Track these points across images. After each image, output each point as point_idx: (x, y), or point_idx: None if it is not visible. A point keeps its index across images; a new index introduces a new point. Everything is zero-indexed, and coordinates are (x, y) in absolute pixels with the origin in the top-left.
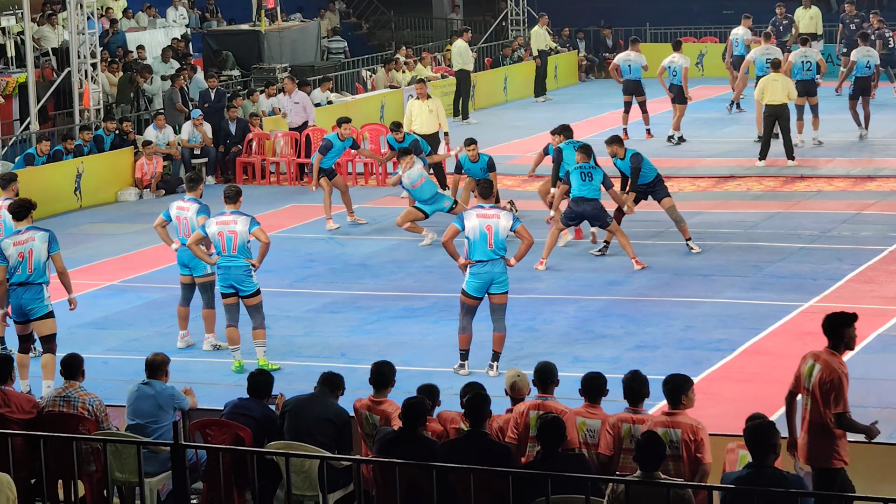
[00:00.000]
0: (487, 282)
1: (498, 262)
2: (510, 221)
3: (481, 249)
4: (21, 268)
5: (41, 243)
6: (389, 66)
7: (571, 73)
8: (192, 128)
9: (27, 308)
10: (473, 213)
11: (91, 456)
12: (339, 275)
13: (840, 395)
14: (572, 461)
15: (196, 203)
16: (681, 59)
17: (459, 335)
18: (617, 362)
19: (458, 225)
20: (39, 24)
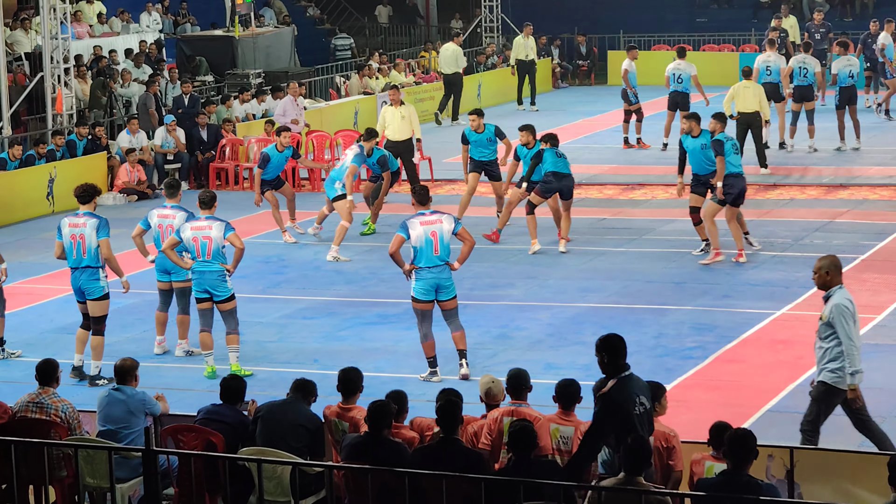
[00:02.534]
0: (434, 285)
1: (444, 267)
2: (452, 224)
3: (427, 256)
4: (76, 252)
5: (91, 230)
6: (363, 73)
7: (545, 80)
8: (166, 133)
9: (84, 288)
10: (416, 220)
11: (62, 461)
12: (311, 280)
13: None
14: (544, 467)
15: (182, 210)
16: (687, 66)
17: (422, 343)
18: (590, 369)
19: (403, 234)
20: (12, 28)
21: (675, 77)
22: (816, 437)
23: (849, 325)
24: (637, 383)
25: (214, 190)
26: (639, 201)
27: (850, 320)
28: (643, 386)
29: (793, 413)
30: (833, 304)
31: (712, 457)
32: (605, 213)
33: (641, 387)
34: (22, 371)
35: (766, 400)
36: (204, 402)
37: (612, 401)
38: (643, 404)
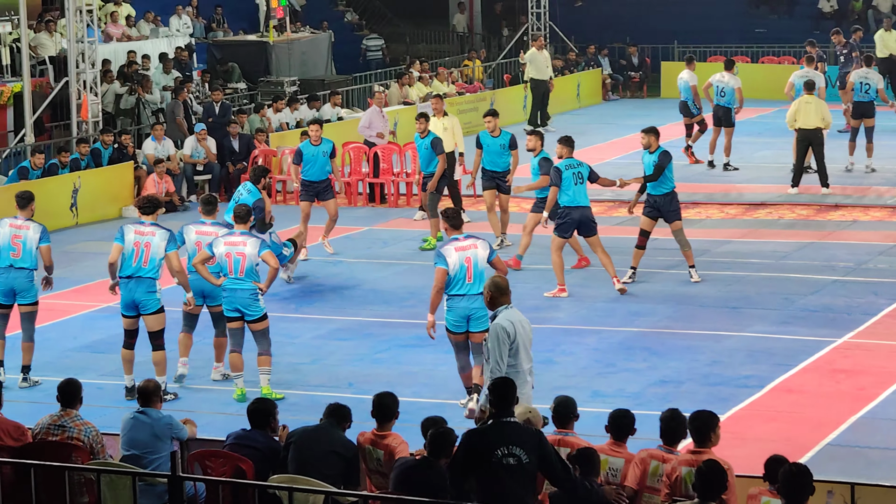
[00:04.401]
0: (465, 315)
1: (478, 297)
2: (487, 251)
3: (461, 284)
4: (137, 260)
5: (160, 241)
6: (403, 81)
7: (595, 92)
8: (196, 142)
9: (139, 302)
10: (451, 247)
11: (84, 487)
12: (347, 300)
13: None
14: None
15: (222, 227)
16: (731, 79)
17: (461, 374)
18: (639, 398)
19: (443, 266)
20: (36, 30)
21: (719, 91)
22: None
23: (502, 347)
24: (511, 432)
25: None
26: (692, 221)
27: (504, 344)
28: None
29: (854, 447)
30: (492, 324)
31: (769, 492)
32: (656, 232)
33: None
34: (43, 392)
35: (825, 433)
36: (233, 427)
37: (467, 440)
38: (514, 455)
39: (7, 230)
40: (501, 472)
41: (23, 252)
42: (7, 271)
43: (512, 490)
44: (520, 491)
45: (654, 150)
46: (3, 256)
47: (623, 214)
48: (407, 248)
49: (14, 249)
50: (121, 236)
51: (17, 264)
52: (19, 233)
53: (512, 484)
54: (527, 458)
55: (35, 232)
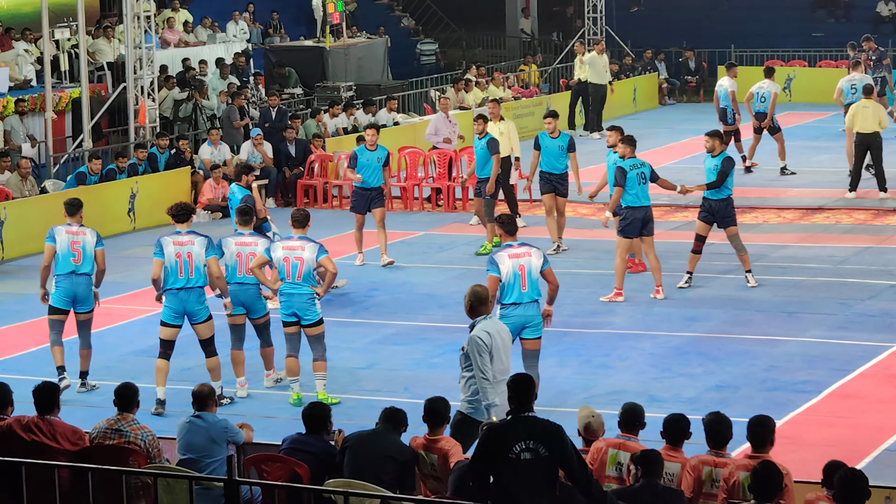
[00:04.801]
0: (520, 325)
1: (532, 305)
2: (541, 261)
3: (515, 292)
4: (184, 271)
5: (199, 248)
6: (459, 86)
7: (651, 96)
8: (252, 147)
9: (191, 311)
10: (504, 254)
11: (141, 491)
12: (403, 304)
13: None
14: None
15: (261, 237)
16: (770, 85)
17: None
18: (695, 403)
19: (495, 273)
20: (94, 37)
21: (759, 97)
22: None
23: (482, 357)
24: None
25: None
26: (749, 225)
27: (483, 353)
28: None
29: None
30: (470, 335)
31: (826, 498)
32: (713, 237)
33: (536, 431)
34: (100, 396)
35: (882, 438)
36: (289, 431)
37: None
38: (532, 449)
39: (65, 237)
40: (519, 466)
41: (83, 257)
42: (69, 277)
43: (529, 484)
44: (537, 485)
45: (717, 154)
46: (65, 263)
47: (679, 219)
48: (463, 252)
49: (74, 255)
50: (160, 251)
51: (80, 270)
52: (77, 238)
53: (529, 478)
54: (546, 452)
55: (92, 236)
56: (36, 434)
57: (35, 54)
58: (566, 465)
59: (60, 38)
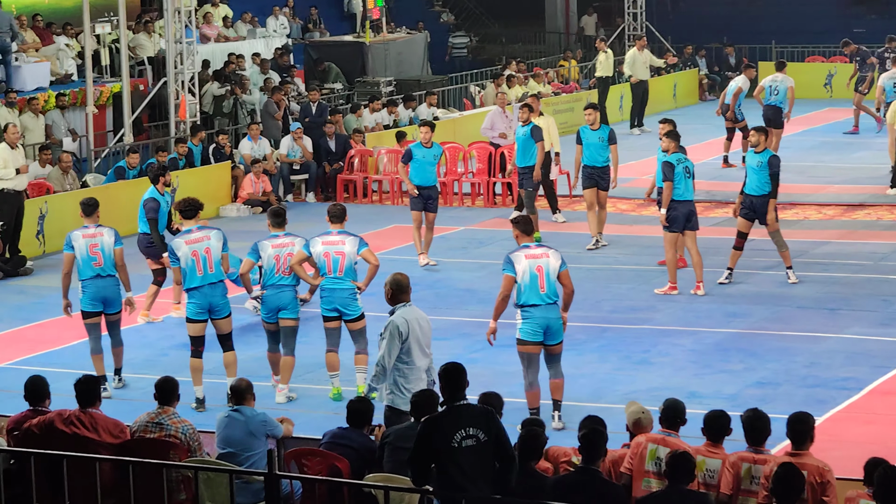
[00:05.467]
0: (543, 326)
1: (553, 306)
2: (559, 262)
3: (533, 293)
4: (202, 268)
5: (216, 241)
6: (499, 82)
7: (692, 92)
8: (292, 142)
9: (216, 306)
10: (521, 254)
11: (181, 484)
12: (443, 300)
13: None
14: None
15: (297, 237)
16: (785, 79)
17: (527, 392)
18: (736, 399)
19: (510, 273)
20: (135, 31)
21: (772, 90)
22: None
23: (392, 343)
24: (467, 414)
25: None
26: (790, 221)
27: (395, 340)
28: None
29: None
30: (388, 321)
31: (867, 495)
32: (753, 233)
33: (473, 418)
34: (140, 390)
35: None
36: (329, 425)
37: (427, 425)
38: (472, 436)
39: (83, 242)
40: (463, 454)
41: (104, 259)
42: (94, 281)
43: (474, 470)
44: (481, 470)
45: (762, 149)
46: (87, 268)
47: (720, 215)
48: (503, 247)
49: (95, 259)
50: (175, 258)
51: (104, 272)
52: (95, 241)
53: (473, 464)
54: (484, 437)
55: (109, 236)
56: (77, 427)
57: (76, 49)
58: (500, 445)
59: (101, 33)
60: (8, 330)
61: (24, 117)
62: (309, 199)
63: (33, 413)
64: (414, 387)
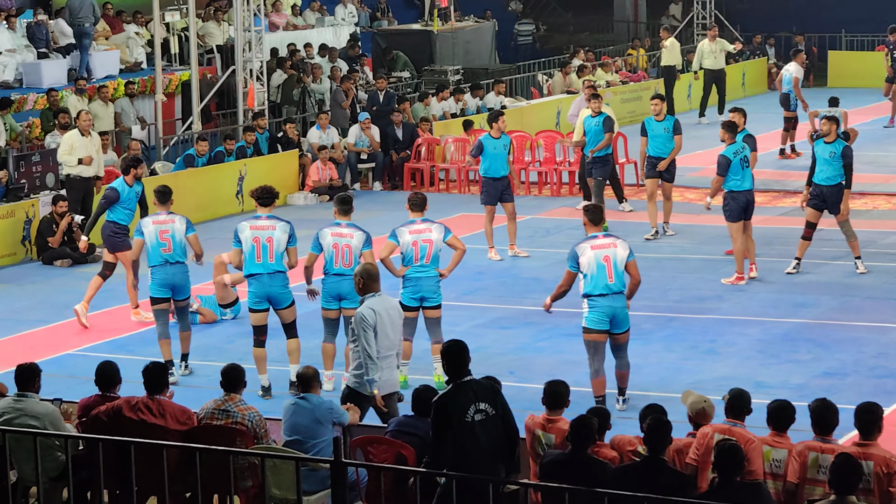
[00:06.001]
0: (609, 315)
1: (619, 296)
2: (626, 252)
3: (600, 283)
4: (261, 255)
5: (282, 233)
6: (567, 70)
7: (760, 81)
8: (360, 131)
9: (275, 296)
10: (586, 245)
11: (247, 471)
12: (509, 288)
13: None
14: (748, 490)
15: (358, 229)
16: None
17: (592, 380)
18: (803, 389)
19: (572, 269)
20: (204, 20)
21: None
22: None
23: (366, 334)
24: (476, 390)
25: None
26: (859, 211)
27: (368, 329)
28: (487, 391)
29: None
30: (356, 312)
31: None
32: (821, 223)
33: (483, 393)
34: (207, 377)
35: None
36: None
37: (440, 406)
38: (482, 410)
39: (152, 228)
40: (476, 428)
41: (173, 246)
42: (163, 268)
43: (486, 443)
44: (494, 443)
45: (832, 140)
46: (156, 254)
47: (788, 204)
48: (569, 237)
49: (164, 245)
50: (237, 240)
51: (172, 259)
52: (166, 227)
53: (485, 438)
54: (493, 411)
55: (181, 223)
56: (145, 414)
57: (146, 37)
58: (506, 420)
59: (171, 21)
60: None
61: (93, 105)
62: (376, 188)
63: (101, 399)
64: (381, 373)
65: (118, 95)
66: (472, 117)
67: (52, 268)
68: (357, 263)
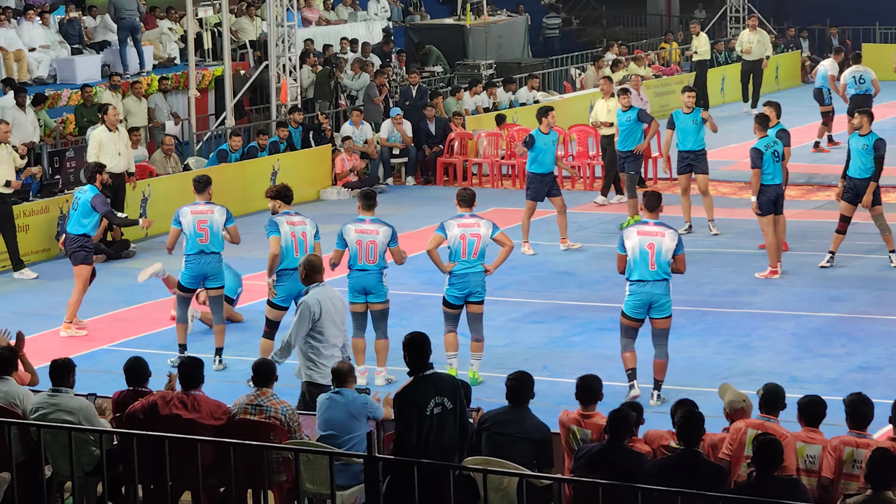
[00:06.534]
0: (647, 302)
1: (659, 283)
2: (674, 243)
3: (642, 269)
4: (299, 251)
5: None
6: (600, 64)
7: (794, 74)
8: (392, 126)
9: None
10: (634, 230)
11: (281, 466)
12: (542, 283)
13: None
14: (786, 486)
15: (384, 224)
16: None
17: (622, 353)
18: (837, 384)
19: (621, 252)
20: (237, 14)
21: (857, 80)
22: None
23: (301, 323)
24: (437, 383)
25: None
26: (893, 205)
27: (305, 319)
28: (446, 385)
29: None
30: (300, 300)
31: None
32: (856, 216)
33: (443, 387)
34: (239, 371)
35: None
36: None
37: (403, 399)
38: (441, 404)
39: (191, 218)
40: (434, 421)
41: (210, 236)
42: (198, 257)
43: (442, 436)
44: (449, 436)
45: (866, 133)
46: (193, 243)
47: (821, 198)
48: (601, 230)
49: (201, 235)
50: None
51: (208, 249)
52: (204, 217)
53: (442, 431)
54: (451, 405)
55: (220, 214)
56: (179, 409)
57: (179, 33)
58: (462, 415)
59: (204, 17)
60: (110, 312)
61: (127, 101)
62: (409, 183)
63: (134, 394)
64: (328, 362)
65: (152, 91)
66: (505, 111)
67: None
68: (382, 259)
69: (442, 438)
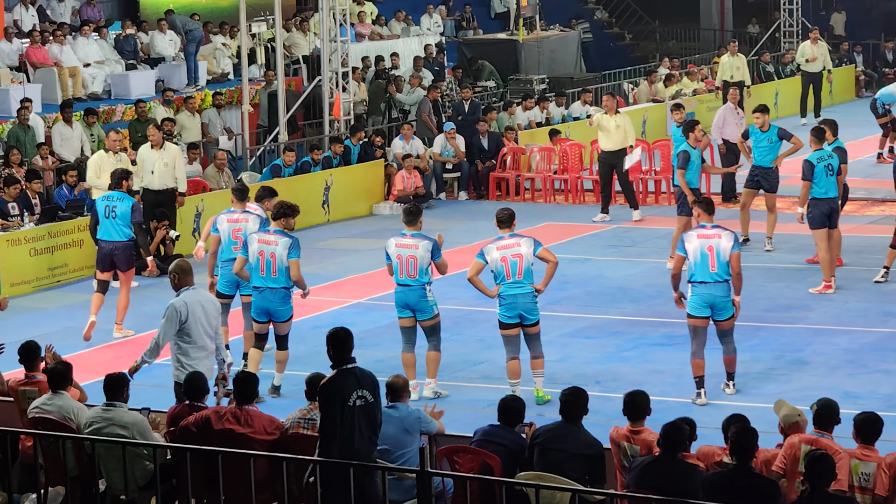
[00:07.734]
0: (710, 302)
1: (722, 285)
2: (731, 243)
3: (703, 271)
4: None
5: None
6: (652, 79)
7: (848, 88)
8: (445, 141)
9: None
10: (694, 234)
11: None
12: (595, 298)
13: None
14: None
15: (425, 239)
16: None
17: (691, 360)
18: (892, 399)
19: (681, 253)
20: (290, 30)
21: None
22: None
23: (168, 325)
24: (359, 377)
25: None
26: None
27: (173, 322)
28: (368, 380)
29: None
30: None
31: None
32: None
33: (365, 381)
34: (292, 385)
35: None
36: (482, 422)
37: (327, 389)
38: (363, 397)
39: (227, 226)
40: (355, 413)
41: (244, 245)
42: (231, 264)
43: (366, 426)
44: (369, 428)
45: None
46: (227, 251)
47: (876, 213)
48: (655, 245)
49: (236, 243)
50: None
51: None
52: (239, 226)
53: (362, 423)
54: (371, 399)
55: (254, 223)
56: (232, 424)
57: (232, 48)
58: (379, 410)
59: (257, 32)
60: None
61: (180, 116)
62: (461, 198)
63: (189, 408)
64: (196, 364)
65: (205, 106)
66: (558, 126)
67: (139, 277)
68: (423, 274)
69: (366, 429)
